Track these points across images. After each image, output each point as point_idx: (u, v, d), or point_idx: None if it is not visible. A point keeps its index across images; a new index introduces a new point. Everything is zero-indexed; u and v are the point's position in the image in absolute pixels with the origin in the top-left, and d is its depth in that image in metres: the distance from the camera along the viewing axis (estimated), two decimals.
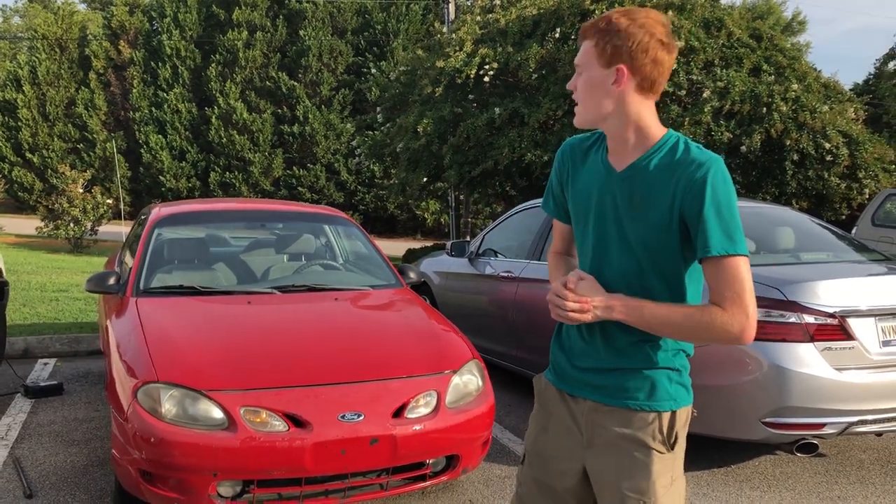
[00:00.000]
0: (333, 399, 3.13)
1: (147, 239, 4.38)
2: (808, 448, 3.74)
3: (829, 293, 3.72)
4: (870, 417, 3.68)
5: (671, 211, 1.67)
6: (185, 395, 3.06)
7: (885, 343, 3.77)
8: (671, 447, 1.76)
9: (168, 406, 3.03)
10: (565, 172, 1.90)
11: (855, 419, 3.66)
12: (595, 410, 1.80)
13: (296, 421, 3.02)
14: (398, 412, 3.17)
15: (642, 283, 1.73)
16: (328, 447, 2.99)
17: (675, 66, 9.09)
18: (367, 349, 3.57)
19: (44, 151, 24.14)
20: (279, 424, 3.01)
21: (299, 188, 23.76)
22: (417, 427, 3.17)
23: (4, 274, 6.06)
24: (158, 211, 4.75)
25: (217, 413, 3.01)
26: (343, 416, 3.05)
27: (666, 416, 1.75)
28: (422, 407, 3.25)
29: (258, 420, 3.01)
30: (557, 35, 10.14)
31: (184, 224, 4.93)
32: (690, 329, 1.66)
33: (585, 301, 1.69)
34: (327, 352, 3.49)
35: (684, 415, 1.78)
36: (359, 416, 3.07)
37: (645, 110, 1.73)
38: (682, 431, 1.78)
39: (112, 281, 4.10)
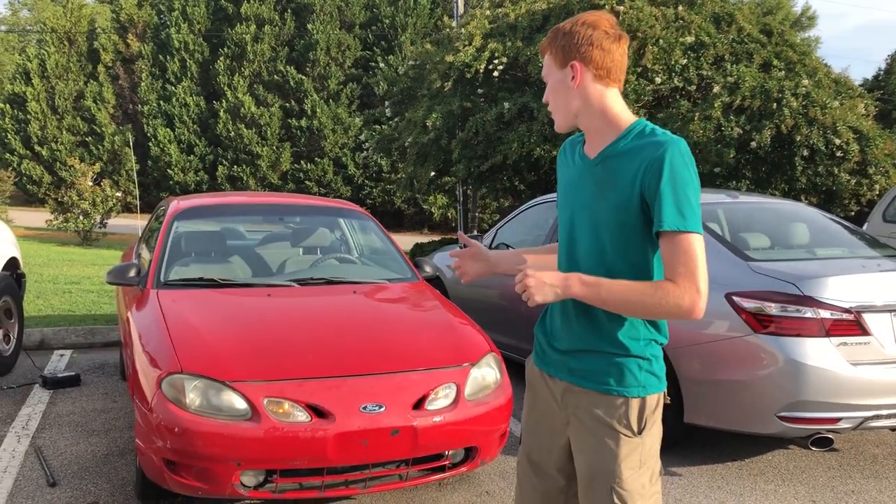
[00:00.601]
0: (355, 390, 3.16)
1: (167, 232, 4.42)
2: (824, 442, 3.76)
3: (845, 289, 3.75)
4: (885, 412, 3.71)
5: (632, 189, 1.76)
6: (208, 385, 3.10)
7: None
8: (639, 432, 1.82)
9: (192, 396, 3.07)
10: (558, 167, 2.06)
11: (870, 414, 3.68)
12: (569, 391, 1.90)
13: (318, 412, 3.06)
14: (418, 404, 3.21)
15: (607, 266, 1.81)
16: (350, 438, 3.02)
17: (685, 61, 9.19)
18: (387, 341, 3.61)
19: (52, 144, 24.21)
20: (302, 415, 3.04)
21: (307, 182, 23.80)
22: (437, 419, 3.20)
23: (21, 266, 6.12)
24: (177, 204, 4.79)
25: (240, 403, 3.05)
26: (365, 408, 3.09)
27: (634, 402, 1.82)
28: (441, 399, 3.29)
29: (281, 410, 3.04)
30: None
31: (202, 217, 4.97)
32: (644, 304, 1.72)
33: (538, 277, 1.75)
34: (348, 344, 3.52)
35: (654, 401, 1.85)
36: (380, 407, 3.11)
37: (608, 98, 1.84)
38: (651, 417, 1.84)
39: (132, 273, 4.14)
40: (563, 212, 1.97)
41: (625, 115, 1.84)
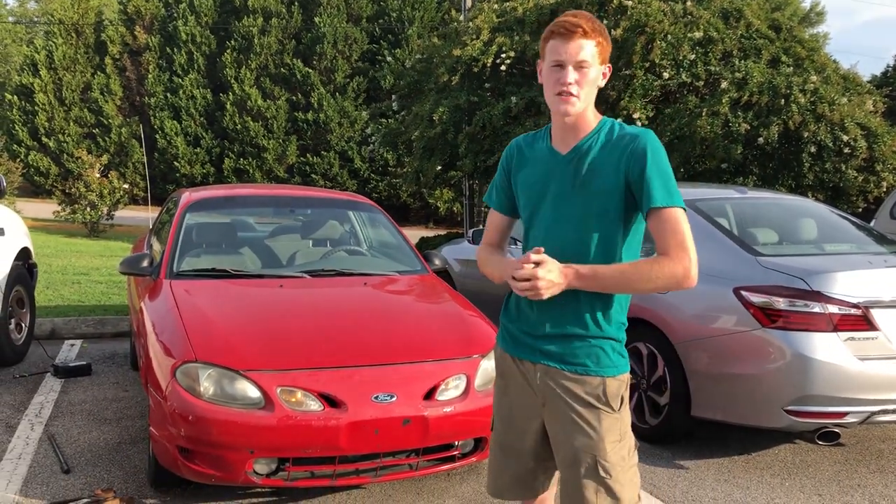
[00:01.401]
0: (367, 380, 3.20)
1: (179, 223, 4.46)
2: (830, 436, 3.79)
3: (853, 284, 3.77)
4: (891, 407, 3.73)
5: (616, 177, 1.90)
6: (222, 374, 3.14)
7: None
8: (617, 409, 1.97)
9: (206, 385, 3.11)
10: (511, 165, 2.13)
11: (877, 409, 3.71)
12: (546, 373, 2.00)
13: (331, 401, 3.09)
14: (429, 394, 3.24)
15: (580, 253, 1.93)
16: (362, 427, 3.06)
17: (693, 56, 9.18)
18: (398, 332, 3.64)
19: (60, 136, 24.26)
20: (314, 404, 3.08)
21: (313, 175, 23.83)
22: (448, 409, 3.24)
23: (34, 256, 6.16)
24: (189, 196, 4.83)
25: (254, 392, 3.09)
26: (376, 397, 3.12)
27: (612, 381, 1.96)
28: (452, 389, 3.32)
29: (294, 400, 3.08)
30: None
31: (214, 209, 5.00)
32: (640, 278, 1.86)
33: (548, 277, 1.83)
34: (359, 334, 3.56)
35: (625, 379, 2.00)
36: (392, 397, 3.15)
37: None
38: (625, 394, 1.99)
39: (145, 263, 4.18)
40: (527, 205, 2.06)
41: (594, 115, 1.99)
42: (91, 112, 24.76)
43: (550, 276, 1.83)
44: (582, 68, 1.90)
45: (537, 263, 1.85)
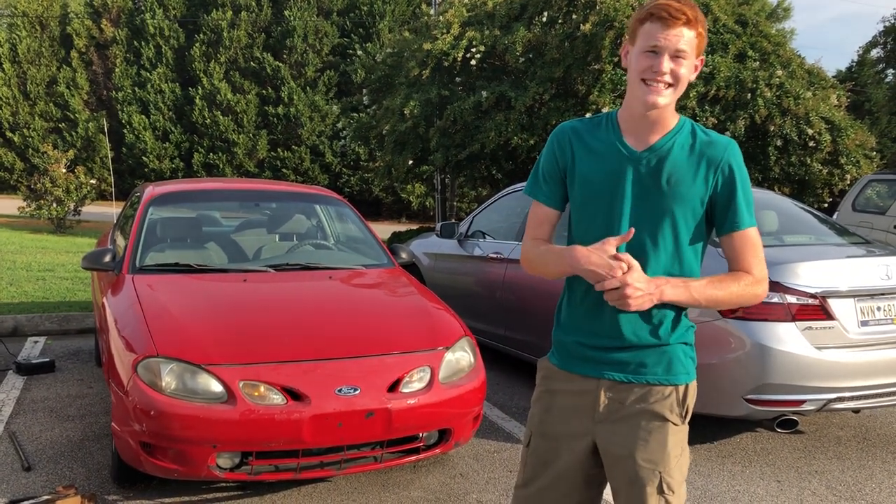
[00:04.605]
0: (330, 373, 3.20)
1: (142, 217, 4.41)
2: (788, 424, 3.87)
3: (811, 274, 3.84)
4: (847, 395, 3.82)
5: (700, 187, 1.80)
6: (184, 369, 3.12)
7: (864, 323, 3.89)
8: (684, 419, 1.86)
9: (168, 380, 3.09)
10: (568, 154, 1.91)
11: (833, 396, 3.79)
12: (611, 388, 1.85)
13: (294, 394, 3.09)
14: (393, 387, 3.25)
15: (650, 261, 1.80)
16: (325, 420, 3.06)
17: None
18: (362, 326, 3.64)
19: (25, 131, 23.82)
20: (277, 398, 3.08)
21: (284, 170, 23.65)
22: (411, 401, 3.25)
23: None
24: (152, 190, 4.78)
25: (216, 386, 3.08)
26: (340, 390, 3.13)
27: (682, 389, 1.85)
28: (416, 382, 3.33)
29: (257, 393, 3.07)
30: (545, 19, 10.16)
31: (177, 203, 4.96)
32: (730, 297, 1.81)
33: (639, 288, 1.70)
34: (324, 328, 3.56)
35: (694, 387, 1.87)
36: (355, 389, 3.15)
37: None
38: (692, 403, 1.87)
39: (108, 258, 4.13)
40: (587, 202, 1.87)
41: (674, 112, 1.86)
42: (57, 106, 24.34)
43: (640, 285, 1.69)
44: (679, 58, 1.75)
45: (629, 266, 1.70)
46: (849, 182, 9.97)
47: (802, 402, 3.77)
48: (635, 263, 1.71)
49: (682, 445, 1.85)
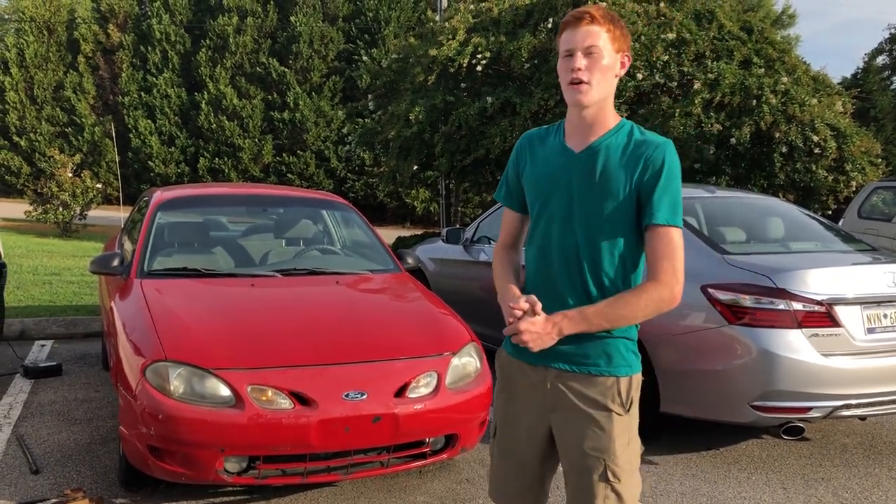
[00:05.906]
0: (337, 378, 3.21)
1: (150, 222, 4.43)
2: (795, 431, 3.86)
3: (817, 281, 3.84)
4: (854, 402, 3.81)
5: (631, 184, 1.86)
6: (192, 373, 3.14)
7: (870, 330, 3.89)
8: (628, 410, 1.92)
9: (176, 384, 3.11)
10: (523, 160, 2.05)
11: (840, 403, 3.78)
12: (557, 377, 1.95)
13: (301, 399, 3.10)
14: (400, 392, 3.26)
15: (591, 258, 1.89)
16: (332, 424, 3.07)
17: (666, 57, 9.28)
18: (369, 331, 3.66)
19: (31, 135, 23.92)
20: (285, 402, 3.09)
21: (289, 175, 23.71)
22: (418, 406, 3.26)
23: (3, 256, 6.09)
24: (161, 195, 4.80)
25: (224, 391, 3.09)
26: (347, 395, 3.14)
27: (624, 381, 1.92)
28: (422, 387, 3.34)
29: (264, 398, 3.09)
30: (550, 25, 10.19)
31: (185, 208, 4.98)
32: (634, 312, 1.85)
33: (533, 331, 1.83)
34: (331, 333, 3.57)
35: (637, 380, 1.95)
36: (362, 394, 3.16)
37: (612, 97, 1.93)
38: (635, 395, 1.95)
39: (116, 263, 4.16)
40: (535, 202, 1.99)
41: (613, 114, 1.93)
42: (63, 111, 24.44)
43: (534, 328, 1.82)
44: (591, 54, 1.84)
45: (524, 312, 1.84)
46: (854, 189, 9.96)
47: (809, 409, 3.77)
48: (537, 306, 1.84)
49: (628, 435, 1.92)
